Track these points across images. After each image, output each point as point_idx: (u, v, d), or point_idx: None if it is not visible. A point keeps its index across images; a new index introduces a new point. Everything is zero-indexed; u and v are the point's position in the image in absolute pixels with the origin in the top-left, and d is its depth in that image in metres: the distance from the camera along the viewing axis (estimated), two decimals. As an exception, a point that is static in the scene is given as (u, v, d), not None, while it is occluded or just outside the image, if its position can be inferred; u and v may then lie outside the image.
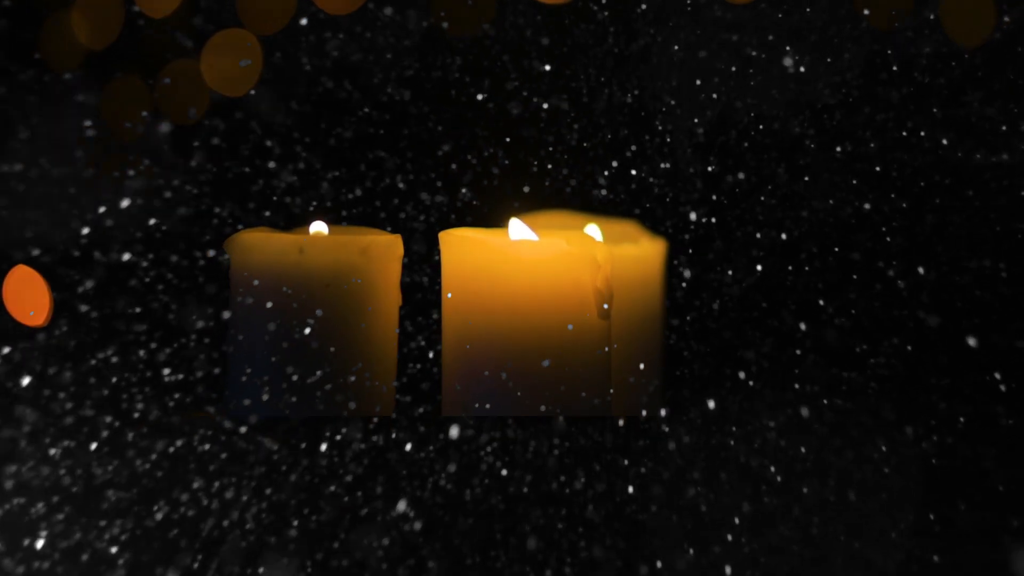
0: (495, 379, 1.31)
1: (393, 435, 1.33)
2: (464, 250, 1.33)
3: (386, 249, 1.39)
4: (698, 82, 1.69)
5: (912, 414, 1.47)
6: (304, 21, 1.73)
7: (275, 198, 1.72)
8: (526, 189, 1.71)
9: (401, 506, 1.29)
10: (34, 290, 1.69)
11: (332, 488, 1.32)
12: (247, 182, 1.73)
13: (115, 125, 1.74)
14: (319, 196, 1.71)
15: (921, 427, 1.45)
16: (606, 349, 1.33)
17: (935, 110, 1.65)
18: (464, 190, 1.71)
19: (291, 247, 1.35)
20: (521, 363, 1.31)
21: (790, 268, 1.66)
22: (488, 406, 1.31)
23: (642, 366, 1.46)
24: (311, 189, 1.72)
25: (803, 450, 1.38)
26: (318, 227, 1.42)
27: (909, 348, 1.63)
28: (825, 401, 1.54)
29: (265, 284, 1.35)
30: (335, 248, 1.36)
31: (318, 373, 1.34)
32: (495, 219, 1.63)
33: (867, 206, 1.66)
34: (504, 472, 1.32)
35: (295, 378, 1.34)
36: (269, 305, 1.35)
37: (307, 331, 1.34)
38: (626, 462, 1.34)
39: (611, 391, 1.35)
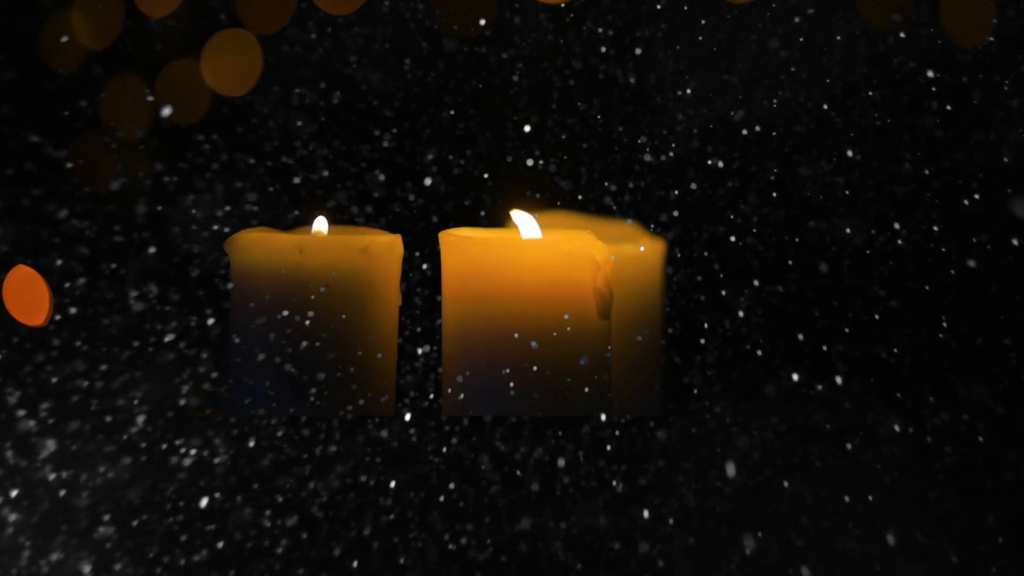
0: (495, 379, 1.31)
1: (392, 435, 1.33)
2: (464, 250, 1.33)
3: (386, 249, 1.38)
4: (697, 82, 1.69)
5: (922, 418, 1.47)
6: (301, 20, 1.73)
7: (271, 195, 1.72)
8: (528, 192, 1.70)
9: None
10: (34, 290, 1.69)
11: (331, 488, 1.32)
12: (246, 181, 1.73)
13: (115, 125, 1.74)
14: (317, 195, 1.71)
15: (930, 431, 1.45)
16: (606, 349, 1.33)
17: (934, 109, 1.65)
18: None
19: (291, 247, 1.35)
20: (521, 363, 1.31)
21: (791, 268, 1.66)
22: (488, 406, 1.31)
23: (642, 366, 1.46)
24: (311, 188, 1.72)
25: (803, 450, 1.38)
26: (320, 224, 1.42)
27: (917, 350, 1.63)
28: (827, 402, 1.53)
29: (265, 284, 1.35)
30: (335, 248, 1.36)
31: (318, 373, 1.34)
32: (493, 219, 1.63)
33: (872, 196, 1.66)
34: (504, 473, 1.32)
35: (295, 378, 1.34)
36: (269, 305, 1.35)
37: (307, 331, 1.34)
38: (625, 462, 1.33)
39: (611, 391, 1.35)
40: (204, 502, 1.32)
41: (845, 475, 1.37)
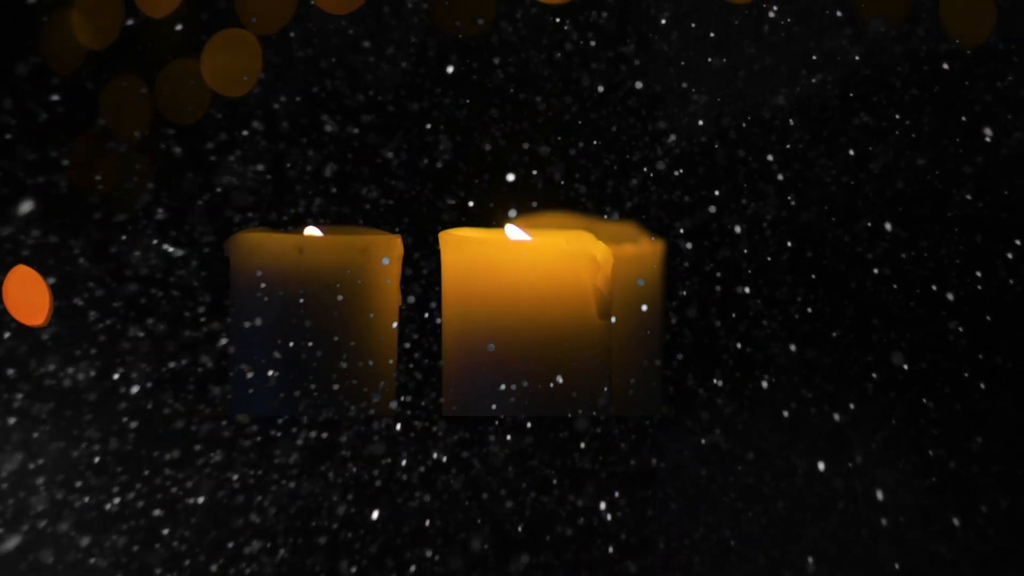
0: (495, 379, 1.31)
1: (392, 435, 1.33)
2: (464, 250, 1.34)
3: (386, 249, 1.39)
4: (694, 81, 1.69)
5: (919, 421, 1.47)
6: (302, 19, 1.73)
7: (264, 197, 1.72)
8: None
9: None
10: (34, 290, 1.69)
11: (331, 488, 1.32)
12: (244, 181, 1.73)
13: (115, 125, 1.75)
14: (307, 196, 1.71)
15: (927, 432, 1.44)
16: (606, 349, 1.33)
17: (931, 108, 1.65)
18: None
19: (291, 247, 1.35)
20: (521, 363, 1.31)
21: (791, 267, 1.66)
22: (488, 406, 1.31)
23: (642, 366, 1.46)
24: (303, 189, 1.72)
25: (805, 452, 1.38)
26: (311, 232, 1.42)
27: (917, 351, 1.63)
28: (827, 404, 1.53)
29: (265, 284, 1.35)
30: (335, 248, 1.36)
31: (318, 373, 1.34)
32: (489, 219, 1.63)
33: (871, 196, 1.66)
34: (504, 472, 1.32)
35: (295, 378, 1.34)
36: (268, 305, 1.35)
37: (306, 331, 1.34)
38: (621, 463, 1.34)
39: (611, 391, 1.35)
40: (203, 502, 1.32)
41: (845, 478, 1.36)
